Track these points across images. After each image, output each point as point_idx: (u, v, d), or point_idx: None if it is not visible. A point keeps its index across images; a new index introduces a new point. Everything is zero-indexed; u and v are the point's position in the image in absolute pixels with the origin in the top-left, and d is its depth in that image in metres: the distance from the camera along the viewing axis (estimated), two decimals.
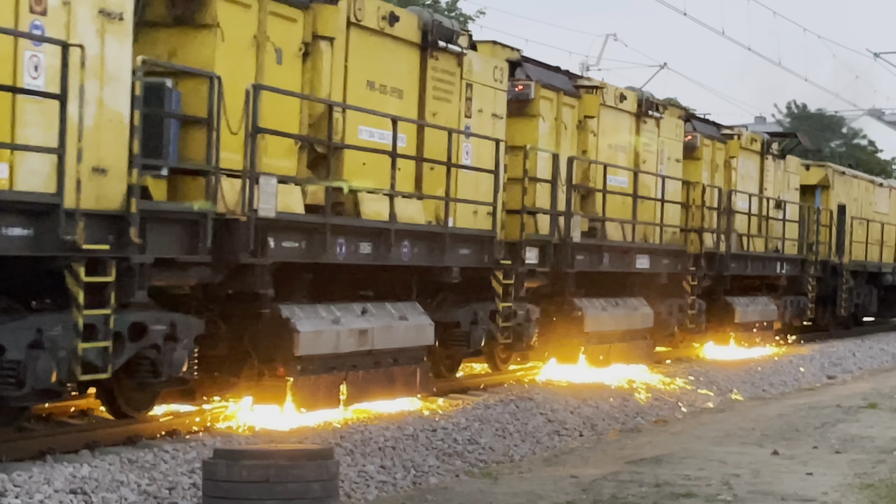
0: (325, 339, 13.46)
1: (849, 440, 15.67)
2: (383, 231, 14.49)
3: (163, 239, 11.27)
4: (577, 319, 19.58)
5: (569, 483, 12.20)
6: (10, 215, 9.78)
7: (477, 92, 17.12)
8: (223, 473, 8.29)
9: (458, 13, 44.71)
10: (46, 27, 10.47)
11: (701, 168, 25.46)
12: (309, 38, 13.87)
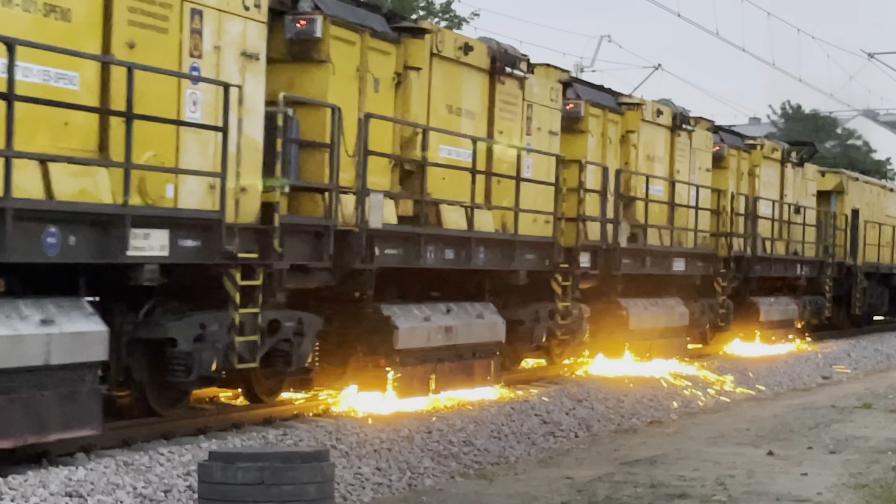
0: (418, 334, 15.30)
1: (843, 440, 15.66)
2: (464, 239, 16.33)
3: (295, 248, 13.11)
4: (623, 318, 21.41)
5: (564, 484, 12.16)
6: (184, 229, 11.62)
7: (536, 111, 18.95)
8: (218, 476, 8.15)
9: (453, 15, 44.79)
10: (202, 68, 12.31)
11: (728, 176, 27.27)
12: (401, 68, 15.70)
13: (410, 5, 42.73)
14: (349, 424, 13.38)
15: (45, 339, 10.03)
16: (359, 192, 14.13)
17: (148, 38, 11.63)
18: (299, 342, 13.42)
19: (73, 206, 10.44)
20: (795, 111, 78.37)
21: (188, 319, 11.94)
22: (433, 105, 16.34)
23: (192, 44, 12.17)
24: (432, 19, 42.53)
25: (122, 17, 11.34)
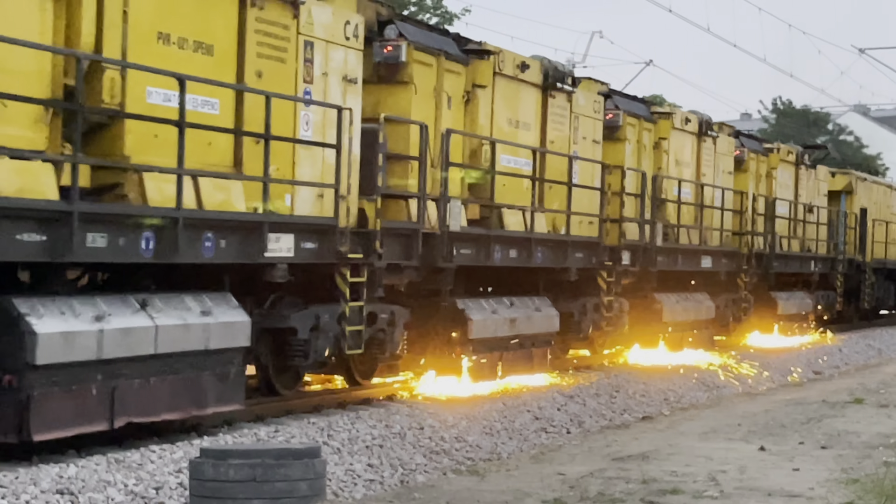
0: (488, 325, 17.13)
1: (835, 435, 15.67)
2: (525, 239, 18.15)
3: (391, 249, 14.94)
4: (657, 311, 23.25)
5: (556, 480, 12.17)
6: (305, 233, 13.43)
7: (581, 122, 20.77)
8: (210, 473, 8.14)
9: (444, 11, 45.04)
10: (313, 92, 14.13)
11: (748, 179, 29.10)
12: (469, 87, 17.52)
13: (402, 2, 42.80)
14: (340, 421, 13.42)
15: (204, 328, 11.85)
16: (441, 199, 15.95)
17: (271, 68, 13.44)
18: (392, 332, 15.26)
19: (224, 215, 12.26)
20: (787, 106, 78.65)
21: (306, 311, 13.76)
22: (496, 119, 18.14)
23: (305, 71, 13.98)
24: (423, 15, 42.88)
25: (253, 51, 13.15)
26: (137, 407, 11.11)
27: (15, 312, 9.97)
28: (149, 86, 11.78)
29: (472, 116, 17.62)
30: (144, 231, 11.25)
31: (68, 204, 10.38)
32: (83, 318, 10.51)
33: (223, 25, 12.79)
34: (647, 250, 22.53)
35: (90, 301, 10.74)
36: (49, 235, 10.24)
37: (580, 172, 20.68)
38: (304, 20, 13.88)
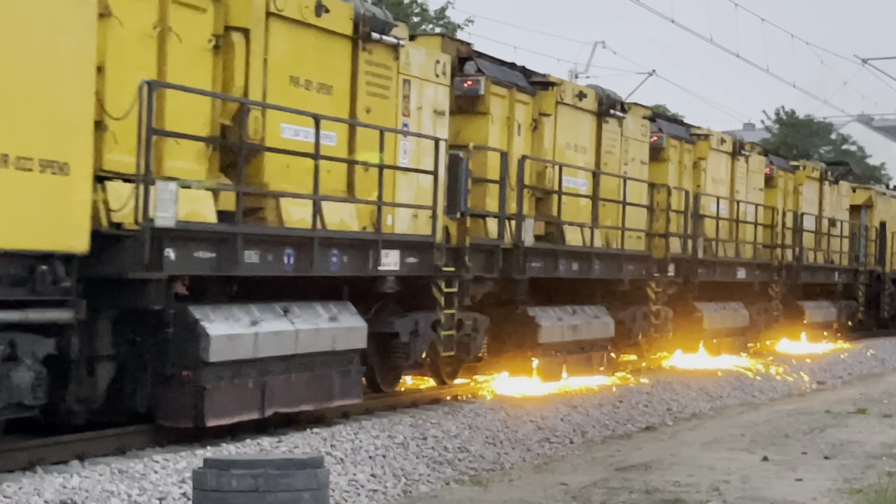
0: (555, 331, 18.98)
1: (838, 445, 15.66)
2: (586, 254, 20.02)
3: (476, 262, 16.80)
4: (698, 319, 25.09)
5: (558, 490, 12.15)
6: (408, 249, 15.30)
7: (631, 145, 22.62)
8: (213, 483, 8.05)
9: (447, 21, 44.94)
10: (409, 125, 15.99)
11: (777, 195, 30.93)
12: (536, 115, 19.38)
13: (405, 12, 43.18)
14: (344, 431, 13.42)
15: (332, 332, 13.71)
16: (518, 218, 17.82)
17: (377, 104, 15.32)
18: (475, 337, 17.12)
19: (347, 234, 14.15)
20: (790, 116, 77.70)
21: (406, 318, 15.63)
22: (558, 143, 20.00)
23: (404, 106, 15.86)
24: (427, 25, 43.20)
25: (363, 89, 15.03)
26: (282, 399, 12.97)
27: (191, 318, 11.84)
28: (283, 123, 13.66)
29: (538, 142, 19.48)
30: (287, 248, 13.12)
31: (233, 226, 12.26)
32: (242, 323, 12.38)
33: (340, 68, 14.67)
34: (689, 263, 24.37)
35: (246, 308, 12.61)
36: (217, 253, 12.11)
37: (630, 191, 22.54)
38: (402, 61, 15.75)
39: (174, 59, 12.15)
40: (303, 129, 13.93)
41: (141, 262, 11.09)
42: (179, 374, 11.82)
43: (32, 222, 9.96)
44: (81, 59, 10.41)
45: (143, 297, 11.31)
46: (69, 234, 10.30)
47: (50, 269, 10.15)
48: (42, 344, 10.33)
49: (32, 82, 9.93)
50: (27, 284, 10.05)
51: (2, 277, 9.80)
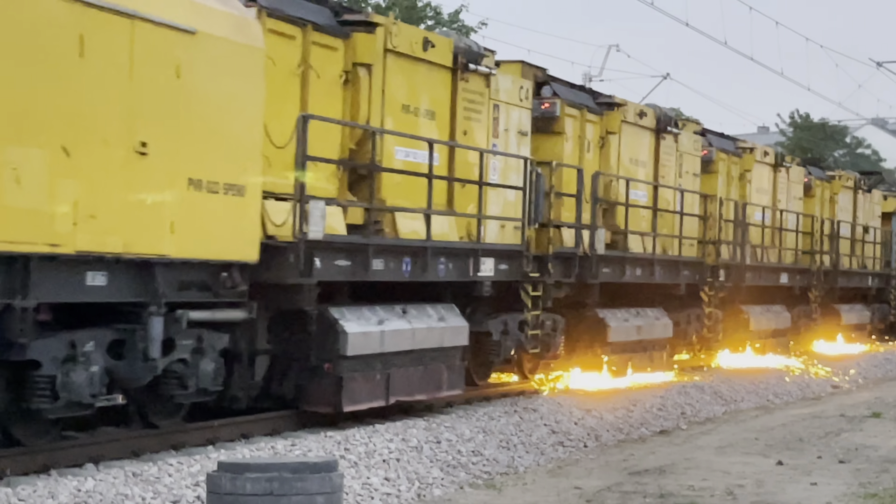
0: (622, 331, 20.77)
1: (853, 450, 15.61)
2: (649, 260, 21.81)
3: (556, 269, 18.60)
4: (745, 321, 26.84)
5: (572, 494, 12.11)
6: (501, 257, 17.11)
7: (685, 159, 24.38)
8: (227, 486, 8.07)
9: (461, 25, 44.82)
10: (498, 145, 17.79)
11: (815, 203, 32.68)
12: (604, 133, 21.18)
13: (419, 14, 43.78)
14: (357, 434, 13.46)
15: (441, 330, 15.52)
16: (591, 228, 19.63)
17: (472, 127, 17.13)
18: (554, 336, 18.92)
19: (453, 244, 15.97)
20: (804, 120, 78.69)
21: (497, 318, 17.44)
22: (622, 159, 21.79)
23: (494, 128, 17.67)
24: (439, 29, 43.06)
25: (461, 114, 16.84)
26: (402, 389, 14.79)
27: (331, 318, 13.66)
28: (397, 146, 15.48)
29: (605, 158, 21.27)
30: (405, 257, 14.95)
31: (365, 238, 14.10)
32: (371, 322, 14.20)
33: (442, 96, 16.48)
34: (738, 268, 26.14)
35: (372, 309, 14.44)
36: (352, 261, 13.94)
37: (685, 202, 24.31)
38: (493, 88, 17.55)
39: (314, 92, 13.98)
40: (412, 150, 15.75)
41: (297, 269, 12.94)
42: (321, 367, 13.64)
43: (217, 236, 11.79)
44: (254, 97, 12.26)
45: (296, 300, 13.17)
46: (244, 245, 12.14)
47: (229, 276, 11.98)
48: (220, 339, 12.17)
49: (221, 119, 11.76)
50: (211, 289, 11.88)
51: (193, 283, 11.63)
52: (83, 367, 10.52)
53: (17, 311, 9.80)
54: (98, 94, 10.37)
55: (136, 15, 10.67)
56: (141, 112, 10.81)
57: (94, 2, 10.23)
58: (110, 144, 10.49)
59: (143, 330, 11.03)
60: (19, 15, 9.64)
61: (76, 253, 10.22)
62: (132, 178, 10.73)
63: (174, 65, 11.15)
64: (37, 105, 9.81)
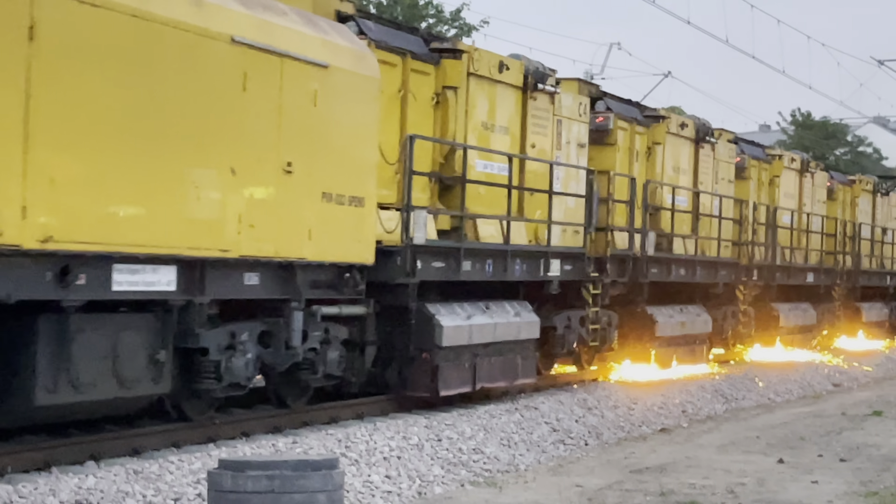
0: (668, 326, 22.57)
1: (854, 448, 15.62)
2: (691, 261, 23.61)
3: (613, 269, 20.40)
4: (775, 318, 28.64)
5: (573, 492, 12.11)
6: (566, 258, 18.91)
7: (721, 166, 26.18)
8: (228, 484, 8.12)
9: (462, 23, 44.57)
10: (561, 156, 19.60)
11: (837, 207, 34.49)
12: (650, 144, 22.99)
13: (420, 13, 43.71)
14: (358, 432, 13.56)
15: (517, 324, 17.32)
16: (642, 232, 21.45)
17: (539, 140, 18.93)
18: (609, 331, 20.72)
19: (528, 247, 17.79)
20: (805, 118, 77.86)
21: (562, 314, 19.25)
22: (666, 168, 23.59)
23: (557, 141, 19.48)
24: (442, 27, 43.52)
25: (530, 129, 18.64)
26: (485, 377, 16.60)
27: (429, 313, 15.47)
28: (477, 159, 17.28)
29: (651, 166, 23.09)
30: (488, 259, 16.76)
31: (458, 243, 15.91)
32: (461, 317, 16.01)
33: (514, 113, 18.28)
34: (770, 268, 27.93)
35: (461, 305, 16.25)
36: (446, 263, 15.75)
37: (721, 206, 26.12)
38: (556, 105, 19.36)
39: (411, 113, 15.80)
40: (490, 163, 17.56)
41: (403, 270, 14.77)
42: (420, 356, 15.44)
43: (343, 242, 13.60)
44: (371, 120, 14.08)
45: (402, 297, 15.00)
46: (363, 250, 13.95)
47: (351, 276, 13.80)
48: (342, 331, 13.99)
49: (346, 140, 13.58)
50: (337, 287, 13.70)
51: (323, 282, 13.45)
52: (241, 354, 12.35)
53: (196, 306, 11.63)
54: (256, 122, 12.19)
55: (284, 54, 12.50)
56: (287, 136, 12.64)
57: (254, 44, 12.05)
58: (265, 165, 12.32)
59: (286, 322, 12.85)
60: (200, 58, 11.45)
61: (240, 257, 12.05)
62: (280, 193, 12.55)
63: (312, 94, 12.98)
64: (212, 132, 11.63)
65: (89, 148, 10.28)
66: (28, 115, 9.65)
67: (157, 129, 10.99)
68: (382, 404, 15.13)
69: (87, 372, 10.56)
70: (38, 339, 10.15)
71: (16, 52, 9.55)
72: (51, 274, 10.07)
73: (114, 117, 10.52)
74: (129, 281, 10.84)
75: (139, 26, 10.72)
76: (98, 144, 10.36)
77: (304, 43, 12.90)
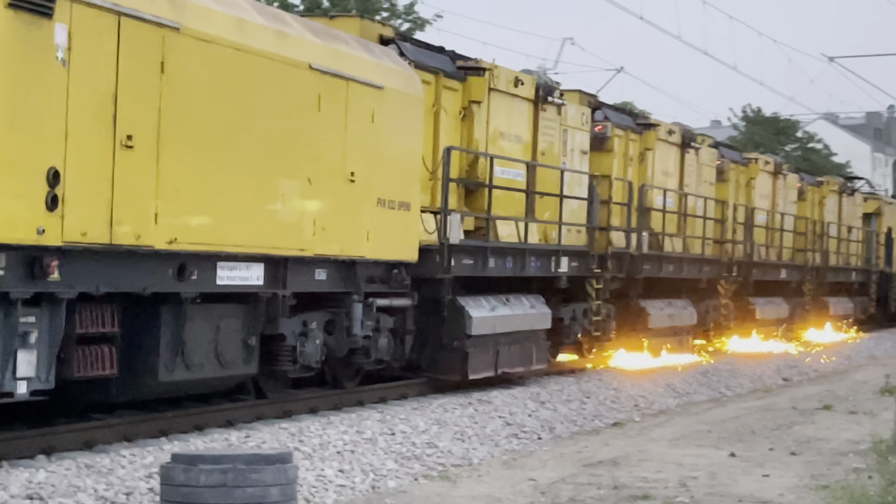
0: (660, 318, 24.48)
1: (804, 442, 15.73)
2: (679, 258, 25.54)
3: (613, 265, 22.28)
4: (752, 311, 30.64)
5: (527, 486, 12.18)
6: (573, 256, 20.77)
7: (704, 170, 28.14)
8: (181, 478, 8.13)
9: (416, 17, 44.37)
10: (566, 163, 21.45)
11: (807, 207, 36.55)
12: (643, 149, 24.89)
13: (374, 7, 43.73)
14: (312, 426, 13.61)
15: (532, 316, 19.17)
16: (638, 231, 23.36)
17: (548, 148, 20.78)
18: (609, 322, 22.61)
19: (542, 245, 19.64)
20: (756, 114, 78.81)
21: (568, 307, 21.12)
22: (656, 172, 25.51)
23: (563, 149, 21.33)
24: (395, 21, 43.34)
25: (541, 138, 20.49)
26: (506, 363, 18.43)
27: (459, 305, 17.30)
28: (497, 166, 19.10)
29: (643, 171, 25.00)
30: (508, 257, 18.60)
31: (485, 242, 17.75)
32: (486, 309, 17.84)
33: (527, 123, 20.12)
34: (748, 265, 29.92)
35: (486, 298, 18.07)
36: (475, 261, 17.59)
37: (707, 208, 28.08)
38: (563, 115, 21.21)
39: (443, 126, 17.61)
40: (506, 169, 19.42)
41: (441, 267, 16.60)
42: (451, 343, 17.26)
43: (393, 242, 15.41)
44: (417, 134, 15.92)
45: (437, 291, 16.82)
46: (409, 249, 15.78)
47: (399, 272, 15.60)
48: (389, 321, 15.80)
49: (397, 151, 15.40)
50: (387, 282, 15.50)
51: (376, 277, 15.27)
52: (312, 340, 14.15)
53: (280, 298, 13.41)
54: (327, 137, 13.99)
55: (350, 77, 14.30)
56: (351, 149, 14.44)
57: (327, 70, 13.85)
58: (334, 175, 14.13)
59: (348, 313, 14.67)
60: (285, 83, 13.23)
61: (314, 255, 13.85)
62: (345, 199, 14.36)
63: (370, 113, 14.79)
64: (294, 147, 13.42)
65: (200, 161, 12.05)
66: (159, 135, 11.41)
67: (252, 144, 12.77)
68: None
69: (197, 353, 12.36)
70: (161, 326, 11.92)
71: (152, 83, 11.31)
72: (172, 270, 11.85)
73: (218, 134, 12.29)
74: (228, 276, 12.64)
75: (239, 58, 12.49)
76: (206, 158, 12.14)
77: (364, 67, 14.70)
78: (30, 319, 10.23)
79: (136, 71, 11.11)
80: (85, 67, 10.53)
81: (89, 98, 10.60)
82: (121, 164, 10.94)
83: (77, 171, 10.47)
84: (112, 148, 10.86)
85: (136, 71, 11.09)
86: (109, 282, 11.08)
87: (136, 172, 11.13)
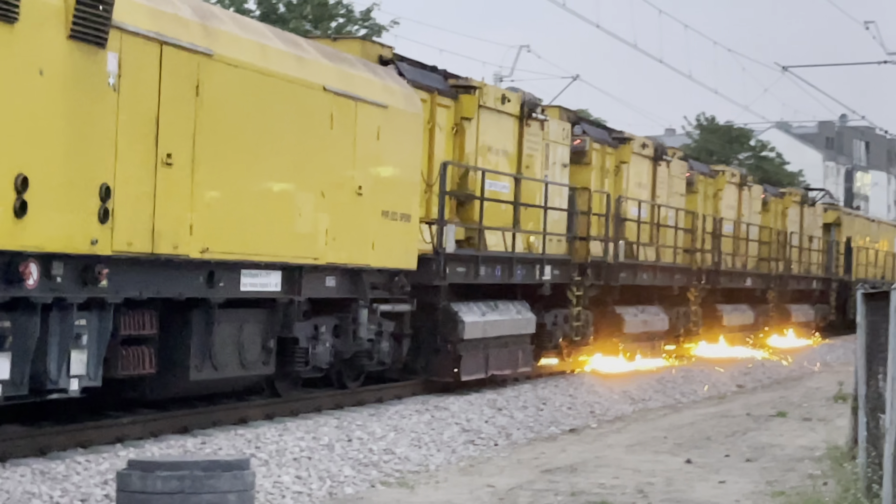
0: (635, 324, 25.58)
1: (759, 448, 15.81)
2: (652, 266, 26.65)
3: (592, 273, 23.35)
4: (719, 318, 31.81)
5: (485, 492, 12.20)
6: (555, 264, 21.83)
7: (674, 182, 29.26)
8: (137, 485, 8.07)
9: (372, 23, 44.49)
10: (549, 175, 22.52)
11: (770, 217, 37.79)
12: (618, 163, 26.00)
13: (330, 13, 43.98)
14: (268, 433, 13.65)
15: (519, 321, 20.20)
16: (615, 240, 24.45)
17: (532, 161, 21.84)
18: (587, 327, 23.68)
19: (528, 255, 20.67)
20: (710, 122, 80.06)
21: (550, 313, 22.16)
22: (630, 183, 26.62)
23: (545, 162, 22.40)
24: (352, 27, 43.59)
25: (525, 152, 21.54)
26: (495, 365, 19.47)
27: (453, 310, 18.32)
28: (487, 179, 20.12)
29: (618, 183, 26.11)
30: (497, 265, 19.63)
31: (476, 251, 18.78)
32: (477, 314, 18.87)
33: (512, 138, 21.18)
34: (715, 273, 31.08)
35: (476, 304, 19.10)
36: (467, 269, 18.60)
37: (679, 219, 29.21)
38: (545, 131, 22.28)
39: (437, 141, 18.63)
40: (494, 182, 20.47)
41: (437, 274, 17.61)
42: (445, 346, 18.27)
43: (395, 251, 16.42)
44: (417, 149, 16.95)
45: (433, 297, 17.84)
46: (409, 257, 16.79)
47: (400, 279, 16.61)
48: (390, 325, 16.80)
49: (399, 166, 16.42)
50: (388, 288, 16.51)
51: (379, 284, 16.27)
52: (322, 343, 15.14)
53: (295, 303, 14.39)
54: (338, 153, 14.99)
55: (358, 98, 15.31)
56: (359, 164, 15.45)
57: (339, 91, 14.86)
58: (344, 188, 15.13)
59: (354, 317, 15.66)
60: (302, 104, 14.22)
61: (326, 264, 14.84)
62: (353, 211, 15.36)
63: (376, 130, 15.80)
64: (309, 162, 14.42)
65: (228, 176, 13.03)
66: (194, 152, 12.39)
67: (273, 160, 13.76)
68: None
69: (223, 354, 13.34)
70: (192, 329, 12.89)
71: (188, 105, 12.29)
72: (202, 277, 12.84)
73: (244, 151, 13.28)
74: (251, 283, 13.63)
75: (263, 81, 13.48)
76: (234, 173, 13.12)
77: (371, 88, 15.72)
78: (81, 322, 11.18)
79: (175, 94, 12.09)
80: (132, 91, 11.51)
81: (136, 119, 11.58)
82: (162, 180, 11.92)
83: (125, 187, 11.44)
84: (154, 165, 11.84)
85: (174, 94, 12.08)
86: (150, 288, 12.07)
87: (174, 187, 12.11)
